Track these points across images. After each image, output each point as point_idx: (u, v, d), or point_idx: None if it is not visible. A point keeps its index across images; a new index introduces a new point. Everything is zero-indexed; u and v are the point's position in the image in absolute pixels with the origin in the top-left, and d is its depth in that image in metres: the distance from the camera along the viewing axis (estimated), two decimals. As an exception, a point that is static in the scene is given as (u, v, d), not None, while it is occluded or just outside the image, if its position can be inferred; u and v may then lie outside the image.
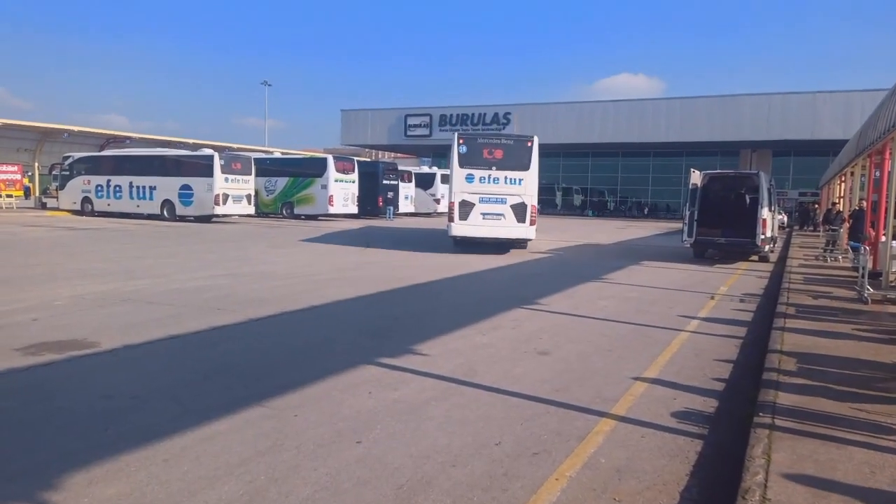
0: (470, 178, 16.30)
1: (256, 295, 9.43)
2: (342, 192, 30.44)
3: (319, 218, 30.86)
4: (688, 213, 16.23)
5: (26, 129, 31.57)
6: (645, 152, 50.41)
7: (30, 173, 37.39)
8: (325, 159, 31.30)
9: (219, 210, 26.43)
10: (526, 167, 16.40)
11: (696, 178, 16.40)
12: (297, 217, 31.02)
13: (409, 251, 17.42)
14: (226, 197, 26.53)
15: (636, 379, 5.63)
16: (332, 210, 29.98)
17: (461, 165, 16.38)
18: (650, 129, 44.95)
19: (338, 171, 30.28)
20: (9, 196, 33.28)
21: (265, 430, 4.25)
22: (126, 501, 3.27)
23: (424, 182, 39.71)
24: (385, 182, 34.92)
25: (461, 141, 16.59)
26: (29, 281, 10.21)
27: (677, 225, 28.10)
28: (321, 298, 9.27)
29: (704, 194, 16.47)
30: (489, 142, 16.85)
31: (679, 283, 12.18)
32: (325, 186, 29.95)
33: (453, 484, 3.54)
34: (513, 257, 16.33)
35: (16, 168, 34.44)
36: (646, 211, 50.35)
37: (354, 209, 31.39)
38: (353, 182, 31.22)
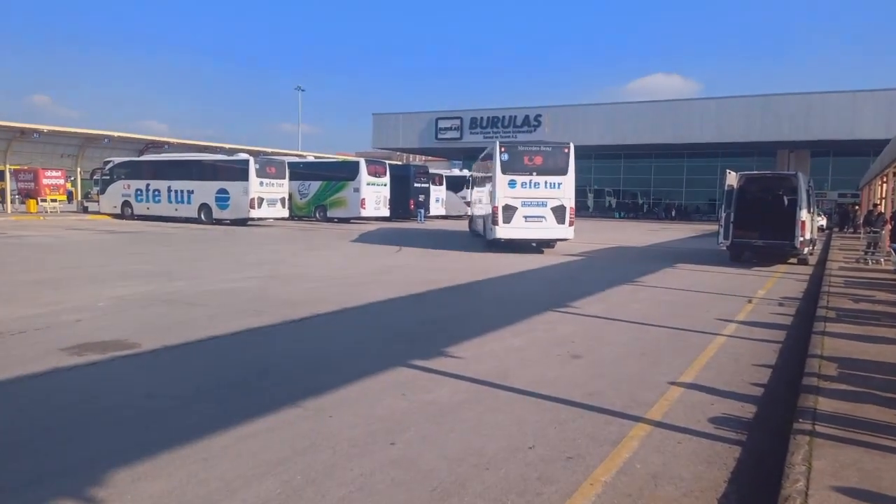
0: (512, 184, 17.00)
1: (291, 297, 9.57)
2: (374, 195, 30.68)
3: (352, 221, 31.15)
4: (724, 215, 15.95)
5: (69, 136, 32.54)
6: (679, 154, 49.67)
7: (72, 178, 38.57)
8: (357, 163, 31.60)
9: (254, 213, 26.88)
10: (564, 172, 17.18)
11: (732, 179, 16.12)
12: (330, 220, 31.35)
13: (440, 254, 17.48)
14: (261, 200, 26.98)
15: (672, 383, 5.57)
16: (363, 213, 30.25)
17: (503, 172, 17.03)
18: (685, 130, 44.26)
19: (369, 174, 30.54)
20: (53, 200, 34.36)
21: (301, 430, 4.32)
22: (168, 499, 3.35)
23: (455, 185, 39.79)
24: (416, 185, 35.10)
25: (503, 149, 17.22)
26: (73, 283, 10.53)
27: (712, 227, 27.64)
28: (355, 300, 9.36)
29: (741, 196, 16.17)
30: (529, 149, 17.57)
31: (715, 287, 11.98)
32: (357, 190, 30.24)
33: (487, 487, 3.55)
34: (545, 260, 16.26)
35: (59, 173, 35.56)
36: (673, 213, 49.50)
37: (386, 212, 31.61)
38: (385, 185, 31.44)
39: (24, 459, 3.82)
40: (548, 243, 18.47)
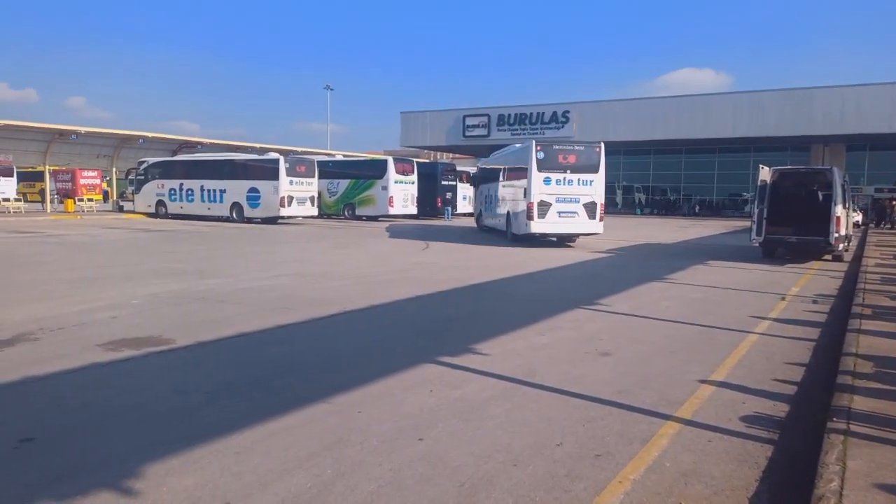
0: (547, 181, 17.94)
1: (320, 294, 9.68)
2: (402, 193, 30.84)
3: (380, 219, 31.33)
4: (757, 210, 15.66)
5: (105, 136, 33.28)
6: (710, 149, 48.88)
7: (108, 178, 39.47)
8: (384, 161, 31.77)
9: (284, 212, 27.21)
10: (596, 170, 18.28)
11: (765, 174, 15.83)
12: (359, 218, 31.57)
13: (467, 251, 17.50)
14: (290, 199, 27.29)
15: (702, 381, 5.50)
16: (391, 211, 30.40)
17: (539, 170, 17.91)
18: (716, 125, 43.52)
19: (397, 172, 30.69)
20: (90, 200, 35.23)
21: (330, 425, 4.37)
22: (202, 491, 3.43)
23: (482, 182, 39.67)
24: (444, 183, 35.17)
25: (538, 148, 18.08)
26: (108, 281, 10.80)
27: (744, 224, 27.16)
28: (382, 298, 9.43)
29: (774, 191, 15.87)
30: (563, 148, 18.51)
31: (747, 284, 11.79)
32: (385, 188, 30.42)
33: (515, 483, 3.55)
34: (572, 257, 16.17)
35: (95, 173, 36.49)
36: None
37: (414, 210, 31.73)
38: (413, 183, 31.56)
39: (61, 452, 3.95)
40: (571, 237, 19.66)
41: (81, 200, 35.07)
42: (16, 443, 4.03)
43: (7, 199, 34.96)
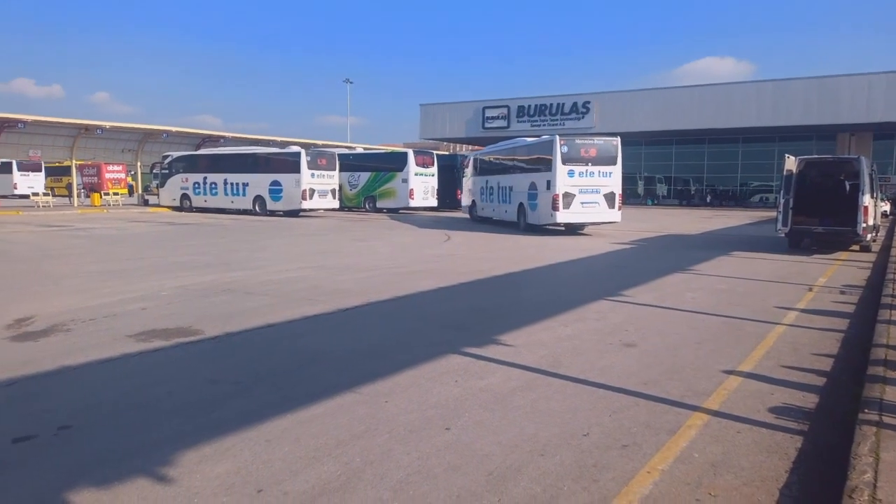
0: (571, 174, 18.98)
1: (343, 286, 9.76)
2: (422, 185, 30.87)
3: (400, 211, 31.40)
4: (783, 200, 15.43)
5: (130, 131, 33.73)
6: (734, 138, 48.17)
7: (133, 172, 40.07)
8: (405, 154, 31.81)
9: (306, 205, 27.41)
10: (614, 162, 19.36)
11: (791, 164, 15.57)
12: (380, 210, 31.68)
13: (488, 243, 17.48)
14: (312, 192, 27.48)
15: (729, 373, 5.46)
16: (412, 203, 30.46)
17: (563, 163, 18.91)
18: (739, 114, 42.84)
19: (418, 164, 30.73)
20: (115, 194, 35.80)
21: (359, 415, 4.43)
22: (235, 478, 3.50)
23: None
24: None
25: (562, 142, 19.01)
26: (137, 273, 10.98)
27: (769, 214, 26.77)
28: (406, 289, 9.47)
29: (800, 181, 15.61)
30: (585, 142, 19.60)
31: (773, 275, 11.64)
32: (405, 180, 30.47)
33: (542, 472, 3.57)
34: (594, 248, 16.08)
35: (120, 168, 37.03)
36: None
37: (434, 202, 31.75)
38: (433, 175, 31.57)
39: (97, 440, 4.04)
40: (582, 226, 20.82)
41: (107, 194, 35.64)
42: (55, 430, 4.14)
43: (36, 194, 35.68)
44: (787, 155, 15.92)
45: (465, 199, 28.10)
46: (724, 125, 43.81)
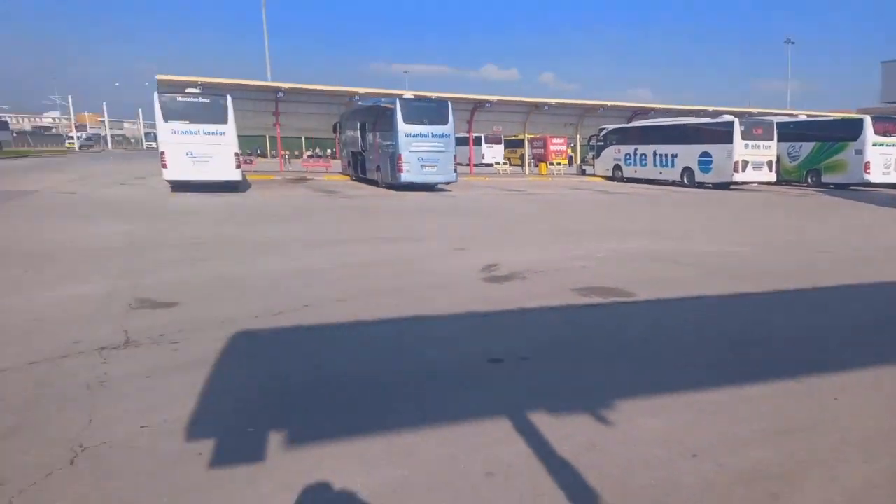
0: None
1: (781, 267, 8.96)
2: (882, 158, 25.76)
3: (851, 187, 26.82)
4: None
5: (571, 107, 36.72)
6: None
7: (572, 144, 43.69)
8: (860, 121, 26.83)
9: (737, 177, 25.70)
10: None
11: None
12: (826, 185, 27.60)
13: None
14: (745, 164, 25.60)
15: None
16: (868, 178, 25.68)
17: None
18: None
19: (877, 133, 25.69)
20: (557, 164, 39.68)
21: (803, 406, 4.07)
22: (667, 436, 3.61)
23: None
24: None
25: None
26: (577, 235, 12.06)
27: None
28: (863, 277, 8.19)
29: None
30: None
31: None
32: (859, 151, 25.84)
33: None
34: None
35: (562, 140, 40.73)
36: None
37: (897, 177, 26.22)
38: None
39: (547, 373, 4.66)
40: None
41: (552, 164, 39.67)
42: (517, 360, 4.93)
43: (497, 163, 42.06)
44: None
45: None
46: None
